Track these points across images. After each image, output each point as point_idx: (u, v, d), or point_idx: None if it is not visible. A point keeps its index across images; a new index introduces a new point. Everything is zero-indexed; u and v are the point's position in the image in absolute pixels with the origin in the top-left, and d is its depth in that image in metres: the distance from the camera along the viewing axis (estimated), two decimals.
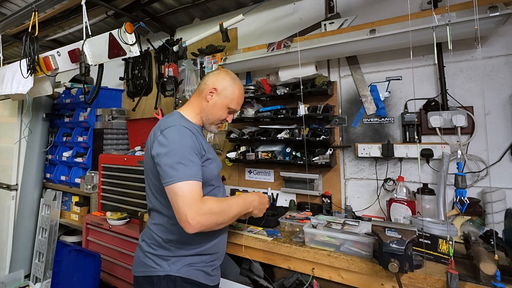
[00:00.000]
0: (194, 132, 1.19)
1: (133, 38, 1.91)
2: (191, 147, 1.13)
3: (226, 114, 1.34)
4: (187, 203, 1.04)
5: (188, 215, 1.03)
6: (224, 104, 1.31)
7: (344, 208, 2.05)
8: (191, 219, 1.02)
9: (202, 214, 1.04)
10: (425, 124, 1.81)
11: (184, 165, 1.08)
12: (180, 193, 1.05)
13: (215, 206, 1.09)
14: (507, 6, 1.48)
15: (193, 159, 1.11)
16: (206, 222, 1.06)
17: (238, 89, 1.33)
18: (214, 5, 2.65)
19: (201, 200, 1.08)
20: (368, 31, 1.81)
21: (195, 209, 1.03)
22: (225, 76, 1.33)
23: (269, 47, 2.18)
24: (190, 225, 1.03)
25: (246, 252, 1.73)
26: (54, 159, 3.23)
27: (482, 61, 1.70)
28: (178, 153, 1.10)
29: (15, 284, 2.77)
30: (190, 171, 1.09)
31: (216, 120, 1.33)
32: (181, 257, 1.19)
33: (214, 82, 1.30)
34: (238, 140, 2.40)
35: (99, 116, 2.99)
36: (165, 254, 1.19)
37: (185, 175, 1.07)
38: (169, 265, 1.17)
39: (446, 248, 1.27)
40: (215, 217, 1.08)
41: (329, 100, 2.15)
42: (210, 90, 1.30)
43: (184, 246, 1.20)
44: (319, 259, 1.45)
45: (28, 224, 3.07)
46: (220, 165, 1.35)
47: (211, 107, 1.30)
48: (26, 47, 2.25)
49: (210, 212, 1.07)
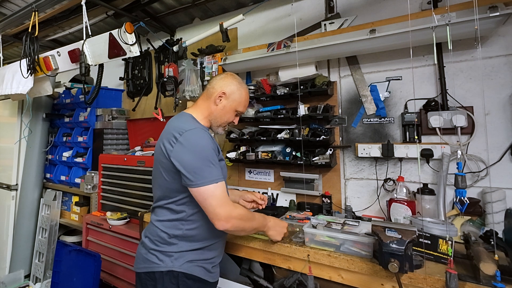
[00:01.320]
0: (211, 135, 1.25)
1: (133, 38, 1.91)
2: (213, 149, 1.20)
3: (233, 116, 1.38)
4: (222, 204, 1.15)
5: (220, 215, 1.14)
6: (232, 107, 1.35)
7: (344, 208, 2.05)
8: (226, 220, 1.14)
9: (233, 217, 1.16)
10: (425, 124, 1.81)
11: (211, 167, 1.16)
12: (214, 195, 1.14)
13: (244, 213, 1.20)
14: (507, 6, 1.48)
15: (216, 161, 1.20)
16: (236, 224, 1.17)
17: (245, 92, 1.37)
18: (214, 5, 2.65)
19: (232, 204, 1.19)
20: (368, 31, 1.81)
21: (228, 210, 1.15)
22: (232, 80, 1.36)
23: (269, 47, 2.18)
24: (224, 225, 1.15)
25: (246, 252, 1.73)
26: (54, 159, 3.23)
27: (482, 61, 1.70)
28: (205, 156, 1.17)
29: (15, 284, 2.77)
30: (218, 173, 1.17)
31: (224, 123, 1.38)
32: (183, 253, 1.23)
33: (223, 86, 1.34)
34: (238, 140, 2.40)
35: (99, 116, 2.99)
36: (169, 250, 1.23)
37: (215, 177, 1.16)
38: (172, 261, 1.21)
39: (446, 248, 1.27)
40: (243, 222, 1.20)
41: (329, 100, 2.15)
42: (219, 94, 1.33)
43: (188, 241, 1.24)
44: (319, 259, 1.45)
45: (28, 224, 3.07)
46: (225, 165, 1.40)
47: (220, 111, 1.34)
48: (26, 47, 2.25)
49: (240, 216, 1.18)
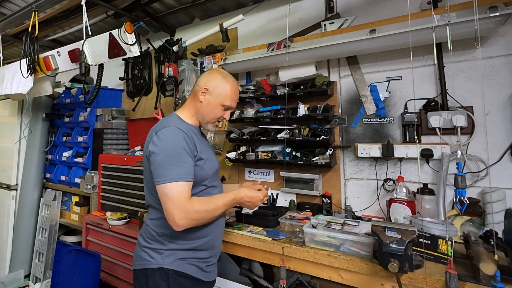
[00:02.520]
0: (187, 133, 1.21)
1: (133, 38, 1.91)
2: (184, 148, 1.17)
3: (222, 111, 1.34)
4: (176, 204, 1.11)
5: (176, 216, 1.11)
6: (217, 102, 1.31)
7: (344, 208, 2.05)
8: (178, 220, 1.11)
9: (188, 216, 1.12)
10: (425, 124, 1.81)
11: (176, 166, 1.14)
12: (169, 193, 1.12)
13: (202, 208, 1.15)
14: (507, 6, 1.48)
15: (185, 160, 1.16)
16: (192, 222, 1.14)
17: (230, 86, 1.33)
18: (214, 5, 2.65)
19: (189, 201, 1.13)
20: (368, 31, 1.81)
21: (182, 210, 1.11)
22: (215, 74, 1.34)
23: (269, 47, 2.18)
24: (177, 224, 1.11)
25: (246, 252, 1.73)
26: (54, 159, 3.23)
27: (482, 61, 1.70)
28: (170, 154, 1.15)
29: (15, 284, 2.77)
30: (181, 172, 1.14)
31: (211, 119, 1.34)
32: (174, 251, 1.22)
33: (206, 82, 1.32)
34: (238, 140, 2.40)
35: (99, 116, 2.99)
36: (159, 248, 1.23)
37: (175, 176, 1.12)
38: (162, 258, 1.21)
39: (446, 248, 1.27)
40: (201, 217, 1.16)
41: (329, 100, 2.15)
42: (202, 90, 1.32)
43: (177, 241, 1.23)
44: (319, 259, 1.45)
45: (28, 224, 3.07)
46: (215, 165, 1.36)
47: (205, 107, 1.32)
48: (26, 47, 2.25)
49: (196, 213, 1.14)
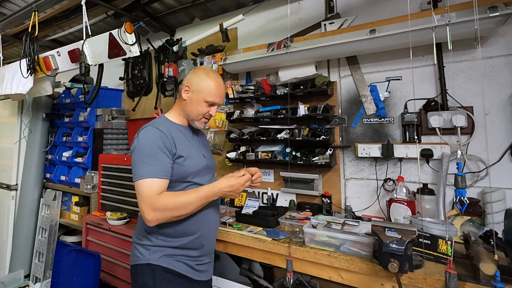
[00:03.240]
0: (166, 133, 1.24)
1: (133, 38, 1.91)
2: (158, 146, 1.20)
3: (206, 108, 1.33)
4: (144, 199, 1.15)
5: (145, 211, 1.14)
6: (199, 99, 1.32)
7: (344, 208, 2.05)
8: (147, 215, 1.14)
9: (155, 210, 1.13)
10: (425, 124, 1.81)
11: (148, 164, 1.17)
12: (140, 190, 1.16)
13: (169, 202, 1.15)
14: (507, 6, 1.48)
15: (158, 158, 1.19)
16: (161, 217, 1.15)
17: (212, 81, 1.33)
18: (214, 5, 2.65)
19: (156, 197, 1.15)
20: (368, 31, 1.81)
21: (149, 205, 1.14)
22: (197, 71, 1.36)
23: (269, 47, 2.18)
24: (146, 219, 1.15)
25: (246, 252, 1.73)
26: (54, 159, 3.23)
27: (482, 61, 1.70)
28: (144, 153, 1.19)
29: (15, 284, 2.77)
30: (152, 169, 1.17)
31: (196, 116, 1.34)
32: (161, 247, 1.24)
33: (188, 80, 1.35)
34: (238, 140, 2.40)
35: (99, 116, 2.99)
36: (147, 244, 1.25)
37: (146, 173, 1.16)
38: (150, 254, 1.23)
39: (446, 248, 1.27)
40: (170, 212, 1.15)
41: (329, 100, 2.15)
42: (184, 88, 1.35)
43: (163, 238, 1.25)
44: (319, 259, 1.45)
45: (28, 224, 3.07)
46: (199, 162, 1.33)
47: (189, 104, 1.33)
48: (26, 47, 2.25)
49: (163, 208, 1.14)
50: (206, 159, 1.39)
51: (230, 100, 2.47)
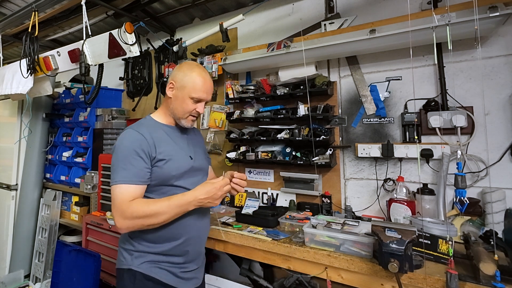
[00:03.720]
0: (145, 135, 1.18)
1: (133, 38, 1.91)
2: (134, 150, 1.14)
3: (192, 105, 1.26)
4: (115, 206, 1.12)
5: (115, 218, 1.11)
6: (184, 95, 1.24)
7: (344, 208, 2.05)
8: (117, 222, 1.11)
9: (125, 218, 1.09)
10: (425, 124, 1.81)
11: (123, 169, 1.13)
12: (113, 196, 1.13)
13: (140, 211, 1.09)
14: (507, 6, 1.48)
15: (133, 162, 1.14)
16: (131, 225, 1.11)
17: (197, 76, 1.25)
18: (214, 5, 2.65)
19: (127, 204, 1.10)
20: (368, 31, 1.81)
21: (119, 213, 1.10)
22: (181, 67, 1.29)
23: (269, 47, 2.18)
24: (117, 227, 1.11)
25: (246, 252, 1.73)
26: (54, 159, 3.23)
27: (482, 61, 1.70)
28: (120, 157, 1.15)
29: (15, 284, 2.77)
30: (126, 174, 1.13)
31: (182, 114, 1.27)
32: (143, 253, 1.20)
33: (172, 77, 1.28)
34: (238, 140, 2.40)
35: (99, 116, 2.99)
36: (130, 248, 1.22)
37: (120, 178, 1.13)
38: (132, 259, 1.20)
39: (446, 248, 1.27)
40: (140, 220, 1.10)
41: (329, 100, 2.15)
42: (169, 85, 1.28)
43: (145, 243, 1.20)
44: (319, 259, 1.45)
45: (28, 224, 3.07)
46: (183, 165, 1.25)
47: (174, 102, 1.27)
48: (26, 47, 2.25)
49: (132, 216, 1.09)
50: (193, 161, 1.30)
51: (230, 100, 2.47)
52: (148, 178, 1.17)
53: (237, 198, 2.45)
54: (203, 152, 1.43)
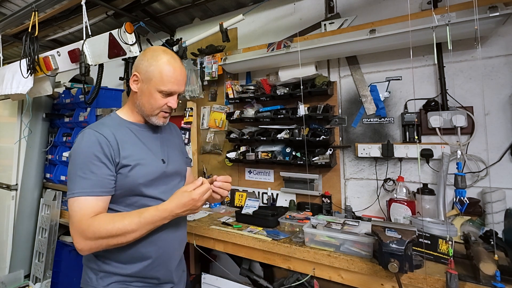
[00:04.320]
0: (108, 136, 1.01)
1: (133, 38, 1.91)
2: (95, 155, 0.98)
3: (161, 99, 1.06)
4: (73, 223, 0.95)
5: (74, 238, 0.95)
6: (151, 89, 1.05)
7: (344, 208, 2.05)
8: (77, 243, 0.95)
9: (86, 239, 0.93)
10: (425, 124, 1.81)
11: (81, 178, 0.96)
12: (70, 210, 0.96)
13: (103, 230, 0.92)
14: (507, 6, 1.48)
15: (94, 170, 0.97)
16: (94, 246, 0.94)
17: (165, 64, 1.04)
18: (214, 5, 2.65)
19: (87, 221, 0.93)
20: (368, 31, 1.81)
21: (79, 232, 0.94)
22: (145, 54, 1.08)
23: (269, 47, 2.18)
24: (77, 249, 0.95)
25: (246, 252, 1.73)
26: (54, 159, 3.22)
27: (482, 61, 1.70)
28: (77, 163, 0.99)
29: (15, 284, 2.76)
30: (85, 184, 0.96)
31: (151, 110, 1.08)
32: (109, 274, 1.04)
33: (135, 67, 1.08)
34: (238, 140, 2.40)
35: (99, 116, 2.98)
36: (95, 267, 1.05)
37: (78, 189, 0.96)
38: (97, 279, 1.03)
39: (446, 248, 1.27)
40: (104, 240, 0.93)
41: (329, 100, 2.15)
42: (132, 78, 1.08)
43: (110, 262, 1.04)
44: (319, 259, 1.45)
45: (28, 224, 3.06)
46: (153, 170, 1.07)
47: (140, 97, 1.08)
48: (26, 47, 2.25)
49: (95, 236, 0.92)
50: (166, 165, 1.12)
51: (230, 100, 2.47)
52: (113, 188, 1.00)
53: (237, 198, 2.45)
54: (179, 153, 1.26)
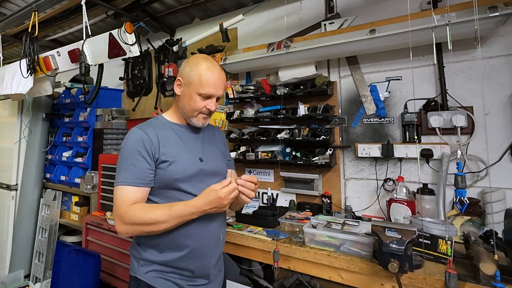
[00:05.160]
0: (150, 134, 1.12)
1: (133, 38, 1.91)
2: (137, 150, 1.09)
3: (201, 101, 1.16)
4: (115, 209, 1.07)
5: (115, 221, 1.07)
6: (191, 92, 1.16)
7: (344, 208, 2.05)
8: (117, 226, 1.07)
9: (123, 223, 1.05)
10: (425, 124, 1.81)
11: (124, 169, 1.09)
12: (114, 198, 1.09)
13: (137, 217, 1.03)
14: (507, 6, 1.48)
15: (135, 163, 1.09)
16: (131, 231, 1.06)
17: (205, 70, 1.14)
18: (214, 5, 2.65)
19: (125, 208, 1.05)
20: (368, 31, 1.81)
21: (118, 216, 1.06)
22: (187, 62, 1.21)
23: (269, 47, 2.18)
24: (118, 231, 1.07)
25: (246, 252, 1.73)
26: (54, 159, 3.23)
27: (482, 61, 1.70)
28: (123, 157, 1.11)
29: (15, 284, 2.77)
30: (127, 175, 1.08)
31: (191, 112, 1.18)
32: (148, 262, 1.13)
33: (179, 72, 1.21)
34: (238, 140, 2.40)
35: (99, 116, 2.99)
36: (137, 255, 1.16)
37: (121, 179, 1.08)
38: (138, 267, 1.14)
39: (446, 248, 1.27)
40: (139, 227, 1.04)
41: (329, 100, 2.15)
42: (176, 82, 1.21)
43: (150, 251, 1.13)
44: (319, 259, 1.45)
45: (28, 224, 3.07)
46: (189, 167, 1.14)
47: (182, 100, 1.19)
48: (26, 47, 2.25)
49: (130, 222, 1.04)
50: (204, 163, 1.19)
51: (230, 100, 2.47)
52: (151, 180, 1.11)
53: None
54: (220, 154, 1.32)
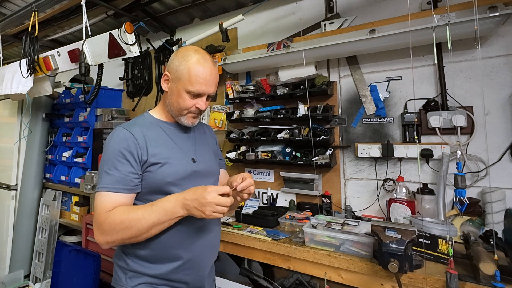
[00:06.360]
0: (137, 135, 1.01)
1: (133, 38, 1.91)
2: (121, 152, 0.98)
3: (190, 100, 1.05)
4: (94, 217, 0.97)
5: (94, 232, 0.97)
6: (180, 89, 1.04)
7: (344, 208, 2.05)
8: (96, 237, 0.96)
9: (102, 232, 0.94)
10: (425, 124, 1.81)
11: (106, 173, 0.98)
12: (94, 205, 0.99)
13: (117, 221, 0.92)
14: (507, 6, 1.48)
15: (118, 167, 0.98)
16: (111, 240, 0.95)
17: (195, 64, 1.02)
18: (214, 5, 2.65)
19: (105, 215, 0.94)
20: (368, 31, 1.81)
21: (97, 225, 0.95)
22: (176, 54, 1.07)
23: (269, 47, 2.18)
24: (97, 242, 0.97)
25: (246, 252, 1.73)
26: (54, 159, 3.23)
27: (482, 61, 1.70)
28: (105, 159, 1.01)
29: (15, 284, 2.77)
30: (109, 180, 0.97)
31: (179, 111, 1.07)
32: (138, 274, 1.03)
33: (167, 66, 1.08)
34: (238, 140, 2.40)
35: (99, 116, 2.99)
36: (124, 266, 1.05)
37: (102, 185, 0.97)
38: (126, 279, 1.03)
39: (446, 248, 1.27)
40: (120, 233, 0.93)
41: (329, 100, 2.15)
42: (163, 77, 1.08)
43: (140, 262, 1.03)
44: (319, 259, 1.45)
45: (28, 224, 3.07)
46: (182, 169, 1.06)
47: (170, 97, 1.08)
48: (26, 47, 2.25)
49: (110, 229, 0.93)
50: (197, 164, 1.10)
51: (230, 100, 2.47)
52: (137, 185, 1.00)
53: None
54: (212, 154, 1.23)
